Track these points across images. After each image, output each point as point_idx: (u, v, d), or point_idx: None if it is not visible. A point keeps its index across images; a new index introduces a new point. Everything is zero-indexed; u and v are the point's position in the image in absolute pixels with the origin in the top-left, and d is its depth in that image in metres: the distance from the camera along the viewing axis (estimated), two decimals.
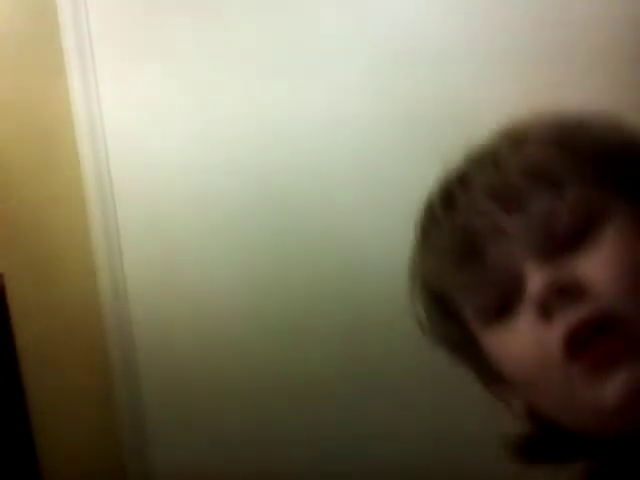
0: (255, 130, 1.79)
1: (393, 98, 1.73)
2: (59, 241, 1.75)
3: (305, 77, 1.75)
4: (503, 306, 0.58)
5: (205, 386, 1.93)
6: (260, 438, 1.93)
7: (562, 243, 0.57)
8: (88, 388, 1.84)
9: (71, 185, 1.82)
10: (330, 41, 1.73)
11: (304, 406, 1.90)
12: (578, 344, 0.54)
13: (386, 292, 1.82)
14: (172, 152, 1.83)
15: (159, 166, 1.84)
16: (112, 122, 1.83)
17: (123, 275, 1.90)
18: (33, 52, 1.69)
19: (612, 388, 0.53)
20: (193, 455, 1.97)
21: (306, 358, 1.88)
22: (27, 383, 1.54)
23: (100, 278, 1.88)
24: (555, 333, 0.55)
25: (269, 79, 1.76)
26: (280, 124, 1.78)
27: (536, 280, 0.56)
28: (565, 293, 0.54)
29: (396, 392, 1.87)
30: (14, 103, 1.59)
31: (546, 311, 0.55)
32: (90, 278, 1.87)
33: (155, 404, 1.96)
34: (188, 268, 1.88)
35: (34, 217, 1.66)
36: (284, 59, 1.75)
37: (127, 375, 1.93)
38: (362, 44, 1.72)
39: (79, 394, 1.78)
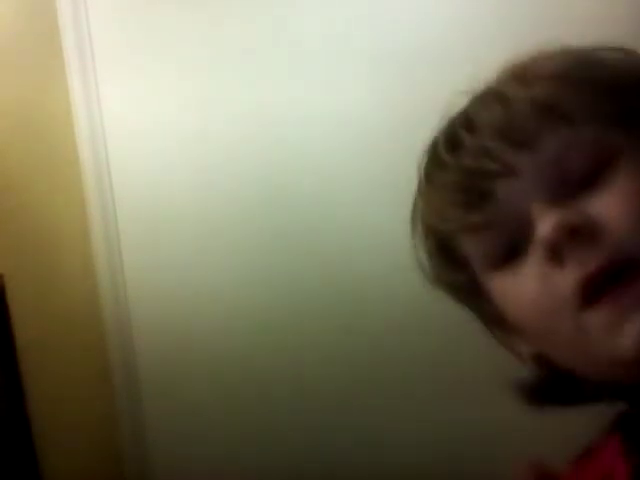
0: (255, 131, 1.79)
1: (393, 98, 1.73)
2: (59, 242, 1.75)
3: (306, 77, 1.75)
4: (511, 249, 0.56)
5: (206, 390, 1.92)
6: (261, 444, 1.93)
7: (574, 183, 0.53)
8: (88, 390, 1.84)
9: (71, 186, 1.82)
10: (331, 41, 1.73)
11: (306, 409, 1.90)
12: (594, 291, 0.51)
13: (387, 292, 1.83)
14: (172, 152, 1.83)
15: (159, 167, 1.84)
16: (112, 122, 1.83)
17: (123, 276, 1.90)
18: (33, 52, 1.69)
19: (631, 337, 0.50)
20: (193, 460, 1.96)
21: (308, 359, 1.88)
22: (27, 384, 1.53)
23: (100, 279, 1.88)
24: (568, 279, 0.52)
25: (269, 79, 1.76)
26: (280, 124, 1.78)
27: (546, 221, 0.52)
28: (577, 234, 0.51)
29: (396, 392, 1.87)
30: (14, 103, 1.59)
31: (557, 254, 0.52)
32: (90, 279, 1.87)
33: (155, 405, 1.96)
34: (188, 270, 1.88)
35: (34, 218, 1.65)
36: (284, 59, 1.75)
37: (127, 377, 1.93)
38: (363, 45, 1.72)
39: (79, 396, 1.78)
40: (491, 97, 0.62)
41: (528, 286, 0.54)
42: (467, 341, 1.80)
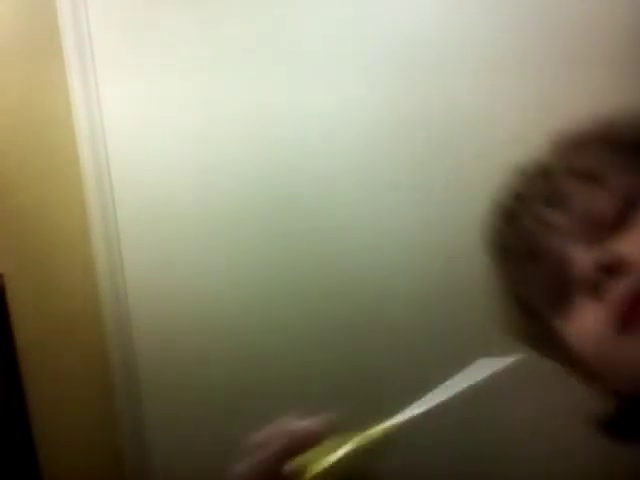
0: (256, 131, 1.79)
1: (394, 98, 1.73)
2: (59, 242, 1.75)
3: (306, 77, 1.75)
4: (562, 293, 0.63)
5: (206, 390, 1.92)
6: None
7: (604, 227, 0.61)
8: (87, 388, 1.84)
9: (71, 186, 1.82)
10: (331, 41, 1.73)
11: (305, 404, 1.90)
12: (630, 317, 0.57)
13: (387, 291, 1.83)
14: (172, 152, 1.83)
15: (159, 166, 1.84)
16: (112, 122, 1.83)
17: (123, 276, 1.90)
18: (33, 52, 1.69)
19: None
20: (193, 460, 1.96)
21: (308, 359, 1.88)
22: (27, 384, 1.53)
23: (100, 279, 1.88)
24: (607, 309, 0.58)
25: (269, 79, 1.76)
26: (280, 124, 1.78)
27: (584, 263, 0.60)
28: (611, 270, 0.58)
29: (397, 392, 1.87)
30: (14, 103, 1.59)
31: (596, 290, 0.59)
32: (90, 279, 1.87)
33: (155, 405, 1.96)
34: (188, 270, 1.88)
35: (34, 218, 1.65)
36: (284, 59, 1.75)
37: (127, 377, 1.93)
38: (363, 45, 1.72)
39: (79, 394, 1.78)
40: (535, 173, 0.73)
41: (581, 323, 0.62)
42: (467, 341, 1.80)
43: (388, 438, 0.59)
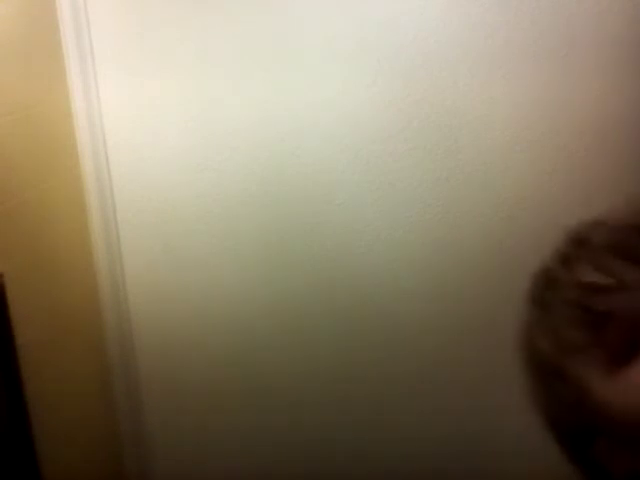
0: (255, 130, 1.79)
1: (394, 98, 1.73)
2: (59, 241, 1.75)
3: (306, 78, 1.75)
4: (634, 345, 0.60)
5: (205, 387, 1.93)
6: (259, 439, 1.93)
7: None
8: (87, 388, 1.84)
9: (71, 185, 1.82)
10: (331, 42, 1.73)
11: (305, 406, 1.90)
12: None
13: (387, 291, 1.83)
14: (172, 152, 1.83)
15: (159, 166, 1.84)
16: (112, 122, 1.83)
17: (123, 275, 1.90)
18: (33, 52, 1.69)
19: None
20: (192, 455, 1.97)
21: (308, 359, 1.88)
22: (27, 383, 1.53)
23: (100, 278, 1.88)
24: None
25: (269, 79, 1.76)
26: (280, 124, 1.78)
27: None
28: None
29: (396, 392, 1.87)
30: (14, 103, 1.59)
31: None
32: (90, 278, 1.87)
33: (154, 404, 1.96)
34: (188, 269, 1.88)
35: (34, 217, 1.66)
36: (284, 60, 1.75)
37: (127, 376, 1.93)
38: (363, 45, 1.72)
39: (79, 394, 1.78)
40: (598, 224, 0.65)
41: None
42: (467, 341, 1.80)
43: None
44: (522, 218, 1.70)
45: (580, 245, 0.64)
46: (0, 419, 1.48)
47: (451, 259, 1.77)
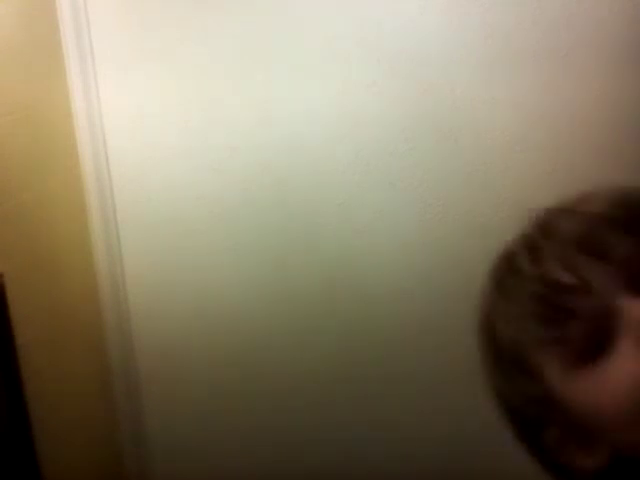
0: (256, 130, 1.79)
1: (394, 98, 1.73)
2: (59, 241, 1.75)
3: (306, 77, 1.75)
4: (598, 346, 0.59)
5: (205, 388, 1.93)
6: (260, 439, 1.93)
7: None
8: (88, 388, 1.84)
9: (71, 185, 1.82)
10: (331, 42, 1.73)
11: (305, 407, 1.90)
12: None
13: (387, 291, 1.83)
14: (172, 152, 1.83)
15: (159, 165, 1.84)
16: (112, 122, 1.83)
17: (123, 275, 1.90)
18: (33, 52, 1.69)
19: None
20: (193, 455, 1.97)
21: (308, 359, 1.88)
22: (27, 383, 1.53)
23: (100, 278, 1.88)
24: None
25: (270, 79, 1.76)
26: (281, 124, 1.78)
27: (635, 310, 0.57)
28: None
29: (396, 391, 1.87)
30: (14, 103, 1.59)
31: None
32: (90, 278, 1.87)
33: (154, 404, 1.96)
34: (188, 268, 1.88)
35: (34, 217, 1.65)
36: (285, 59, 1.75)
37: (126, 374, 1.93)
38: (363, 45, 1.72)
39: (79, 394, 1.78)
40: (566, 212, 0.65)
41: (618, 377, 0.58)
42: (467, 340, 1.80)
43: None
44: (522, 218, 1.69)
45: (547, 234, 0.64)
46: (0, 419, 1.48)
47: (451, 259, 1.77)
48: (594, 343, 0.59)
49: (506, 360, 0.66)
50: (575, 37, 1.65)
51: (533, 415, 0.66)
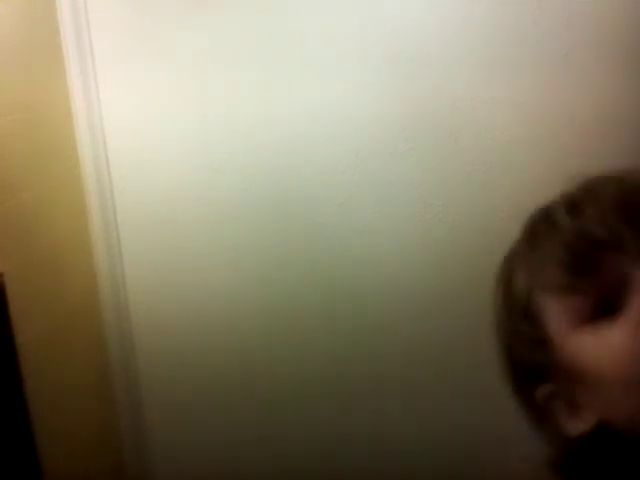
0: (255, 130, 1.79)
1: (394, 98, 1.73)
2: (59, 241, 1.75)
3: (306, 77, 1.75)
4: (609, 306, 0.61)
5: (204, 384, 1.93)
6: (259, 437, 1.93)
7: None
8: (88, 387, 1.84)
9: (71, 185, 1.82)
10: (331, 42, 1.73)
11: (304, 405, 1.90)
12: None
13: (387, 290, 1.83)
14: (172, 152, 1.83)
15: (159, 166, 1.84)
16: (112, 122, 1.83)
17: (123, 274, 1.90)
18: (33, 53, 1.69)
19: None
20: (193, 453, 1.97)
21: (306, 357, 1.88)
22: (27, 382, 1.53)
23: (100, 277, 1.88)
24: None
25: (269, 79, 1.76)
26: (281, 124, 1.78)
27: None
28: None
29: (396, 391, 1.87)
30: (14, 103, 1.59)
31: None
32: (90, 278, 1.87)
33: (154, 403, 1.96)
34: (187, 268, 1.88)
35: (34, 217, 1.66)
36: (285, 59, 1.75)
37: (126, 374, 1.93)
38: (363, 45, 1.72)
39: (79, 393, 1.78)
40: (611, 179, 0.67)
41: (619, 340, 0.60)
42: (467, 340, 1.80)
43: None
44: (522, 218, 1.69)
45: (589, 195, 0.65)
46: (0, 417, 1.48)
47: (451, 259, 1.77)
48: (607, 302, 0.61)
49: (515, 306, 0.68)
50: (575, 37, 1.65)
51: (531, 366, 0.67)
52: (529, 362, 0.68)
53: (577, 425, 0.65)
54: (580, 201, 0.66)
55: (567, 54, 1.65)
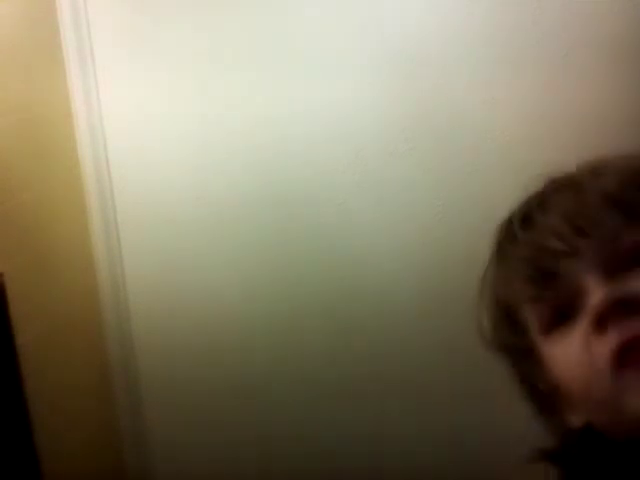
0: (255, 130, 1.79)
1: (394, 98, 1.73)
2: (59, 241, 1.75)
3: (306, 77, 1.75)
4: (562, 317, 0.62)
5: (204, 385, 1.93)
6: (259, 437, 1.93)
7: (626, 263, 0.60)
8: (88, 387, 1.84)
9: (71, 186, 1.82)
10: (331, 42, 1.73)
11: (304, 405, 1.90)
12: (626, 357, 0.57)
13: (387, 290, 1.83)
14: (172, 152, 1.83)
15: (159, 166, 1.84)
16: (112, 122, 1.83)
17: (123, 274, 1.90)
18: (33, 52, 1.69)
19: None
20: (193, 453, 1.97)
21: (306, 357, 1.88)
22: (27, 383, 1.54)
23: (100, 278, 1.88)
24: (606, 345, 0.58)
25: (269, 79, 1.76)
26: (281, 124, 1.78)
27: (597, 293, 0.60)
28: (623, 307, 0.58)
29: (396, 391, 1.87)
30: (14, 103, 1.60)
31: (602, 323, 0.58)
32: (90, 278, 1.87)
33: (154, 403, 1.96)
34: (187, 268, 1.88)
35: (34, 217, 1.66)
36: (285, 60, 1.75)
37: (126, 374, 1.93)
38: (363, 45, 1.72)
39: (79, 393, 1.78)
40: (566, 183, 0.69)
41: (572, 350, 0.61)
42: (467, 340, 1.80)
43: None
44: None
45: (543, 206, 0.67)
46: (0, 417, 1.49)
47: (451, 259, 1.77)
48: (566, 309, 0.62)
49: (500, 311, 0.70)
50: (575, 37, 1.65)
51: (526, 369, 0.69)
52: (523, 367, 0.70)
53: (572, 420, 0.66)
54: (532, 212, 0.67)
55: (567, 54, 1.65)
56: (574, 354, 0.61)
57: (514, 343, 0.69)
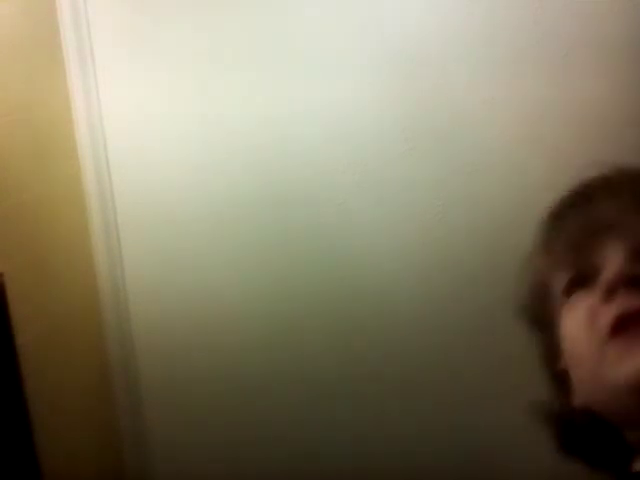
0: (255, 130, 1.79)
1: (394, 98, 1.73)
2: (59, 241, 1.75)
3: (306, 77, 1.75)
4: (583, 283, 0.65)
5: (204, 385, 1.93)
6: (259, 437, 1.93)
7: None
8: (88, 387, 1.84)
9: (71, 186, 1.82)
10: (331, 42, 1.73)
11: (304, 406, 1.90)
12: (623, 326, 0.59)
13: (387, 290, 1.83)
14: (172, 152, 1.83)
15: (159, 166, 1.84)
16: (112, 122, 1.83)
17: (123, 274, 1.90)
18: (33, 53, 1.69)
19: (626, 367, 0.58)
20: (193, 453, 1.97)
21: (306, 357, 1.88)
22: (27, 382, 1.54)
23: (100, 278, 1.88)
24: (609, 313, 0.60)
25: (269, 79, 1.76)
26: (281, 124, 1.78)
27: (613, 267, 0.62)
28: (634, 282, 0.60)
29: (396, 391, 1.87)
30: (14, 103, 1.60)
31: (611, 293, 0.61)
32: (90, 278, 1.87)
33: (154, 403, 1.96)
34: (187, 268, 1.88)
35: (34, 217, 1.66)
36: (285, 60, 1.75)
37: (126, 374, 1.93)
38: (363, 45, 1.72)
39: (79, 393, 1.78)
40: (619, 174, 0.72)
41: (580, 315, 0.64)
42: (467, 340, 1.80)
43: None
44: (522, 218, 1.69)
45: (603, 184, 0.70)
46: (0, 417, 1.49)
47: (451, 259, 1.77)
48: (584, 277, 0.65)
49: (537, 286, 0.74)
50: (575, 37, 1.65)
51: (548, 343, 0.71)
52: (541, 321, 0.73)
53: (574, 401, 0.68)
54: (594, 190, 0.71)
55: (567, 54, 1.65)
56: (581, 319, 0.63)
57: (543, 312, 0.71)
